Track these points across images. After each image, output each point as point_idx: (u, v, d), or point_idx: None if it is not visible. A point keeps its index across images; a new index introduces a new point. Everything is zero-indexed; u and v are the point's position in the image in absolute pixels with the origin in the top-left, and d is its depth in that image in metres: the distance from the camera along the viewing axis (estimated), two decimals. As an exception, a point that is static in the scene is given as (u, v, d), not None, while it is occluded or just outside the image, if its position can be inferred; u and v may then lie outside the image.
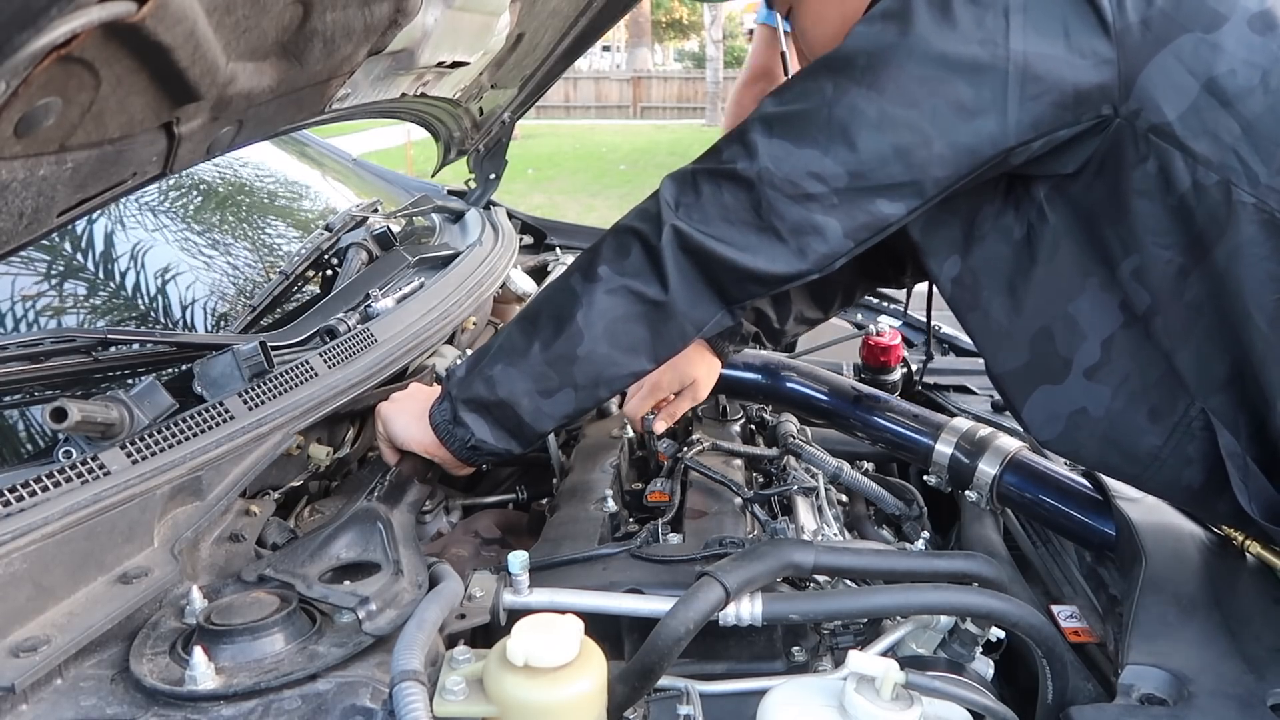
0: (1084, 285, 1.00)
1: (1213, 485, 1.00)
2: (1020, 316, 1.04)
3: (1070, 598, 1.28)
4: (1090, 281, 1.00)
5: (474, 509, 1.49)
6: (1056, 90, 0.90)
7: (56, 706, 0.75)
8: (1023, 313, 1.04)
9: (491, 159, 2.29)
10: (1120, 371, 1.01)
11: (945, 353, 2.15)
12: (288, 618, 0.84)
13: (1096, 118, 0.92)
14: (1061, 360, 1.03)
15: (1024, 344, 1.05)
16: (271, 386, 1.12)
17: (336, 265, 1.76)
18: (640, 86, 24.30)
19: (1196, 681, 0.90)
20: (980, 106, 0.91)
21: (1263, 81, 0.88)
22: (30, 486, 0.83)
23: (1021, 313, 1.04)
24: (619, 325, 1.02)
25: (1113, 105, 0.91)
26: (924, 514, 1.43)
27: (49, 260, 1.40)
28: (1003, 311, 1.05)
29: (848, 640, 1.05)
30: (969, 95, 0.91)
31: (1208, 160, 0.89)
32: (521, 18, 1.64)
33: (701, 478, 1.35)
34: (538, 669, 0.72)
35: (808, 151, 0.94)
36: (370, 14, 1.04)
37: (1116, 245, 0.97)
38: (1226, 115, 0.89)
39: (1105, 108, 0.92)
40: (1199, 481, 1.01)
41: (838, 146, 0.93)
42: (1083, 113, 0.92)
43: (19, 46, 0.56)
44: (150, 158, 0.88)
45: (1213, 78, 0.89)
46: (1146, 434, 1.01)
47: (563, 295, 1.06)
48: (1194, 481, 1.01)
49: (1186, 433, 0.99)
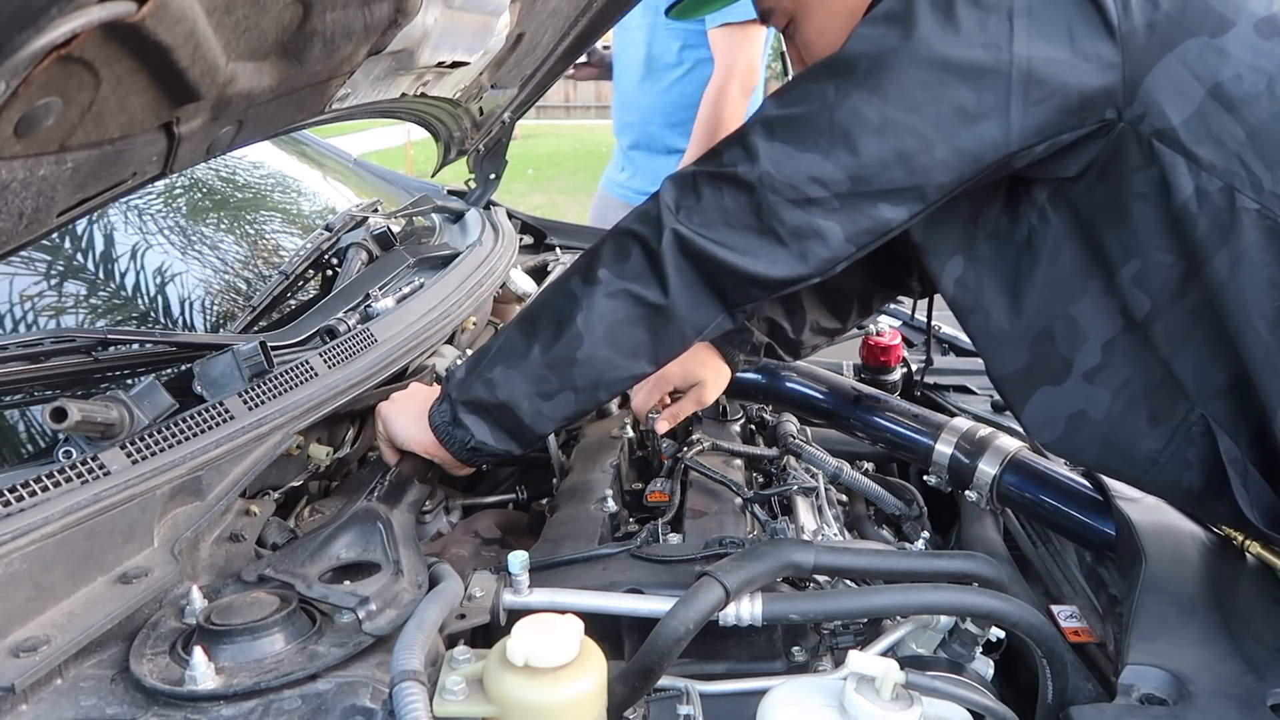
0: (1085, 288, 1.00)
1: (1212, 489, 1.00)
2: (1021, 318, 1.04)
3: (1070, 598, 1.28)
4: (1092, 285, 1.00)
5: (474, 509, 1.49)
6: (1060, 94, 0.90)
7: (56, 706, 0.75)
8: (1024, 314, 1.04)
9: (491, 159, 2.29)
10: (1120, 375, 1.01)
11: (945, 353, 2.15)
12: (288, 618, 0.84)
13: (1100, 121, 0.92)
14: (1062, 360, 1.03)
15: (1025, 344, 1.05)
16: (271, 386, 1.12)
17: (336, 265, 1.76)
18: (640, 86, 24.28)
19: (1196, 681, 0.90)
20: (983, 111, 0.90)
21: (1269, 87, 0.88)
22: (30, 486, 0.83)
23: (1022, 314, 1.04)
24: (619, 328, 1.02)
25: (1116, 109, 0.91)
26: (924, 514, 1.43)
27: (49, 260, 1.40)
28: (1004, 313, 1.05)
29: (848, 640, 1.05)
30: (972, 100, 0.90)
31: (1211, 166, 0.89)
32: (521, 18, 1.64)
33: (701, 478, 1.35)
34: (538, 669, 0.72)
35: (809, 155, 0.93)
36: (370, 14, 1.04)
37: (1117, 250, 0.96)
38: (1232, 121, 0.88)
39: (1109, 112, 0.91)
40: (1198, 485, 1.01)
41: (839, 151, 0.93)
42: (1086, 117, 0.92)
43: (19, 46, 0.56)
44: (150, 158, 0.88)
45: (1218, 83, 0.88)
46: (1146, 438, 1.01)
47: (562, 298, 1.05)
48: (1194, 485, 1.01)
49: (1186, 437, 0.99)
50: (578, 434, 1.58)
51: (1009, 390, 1.09)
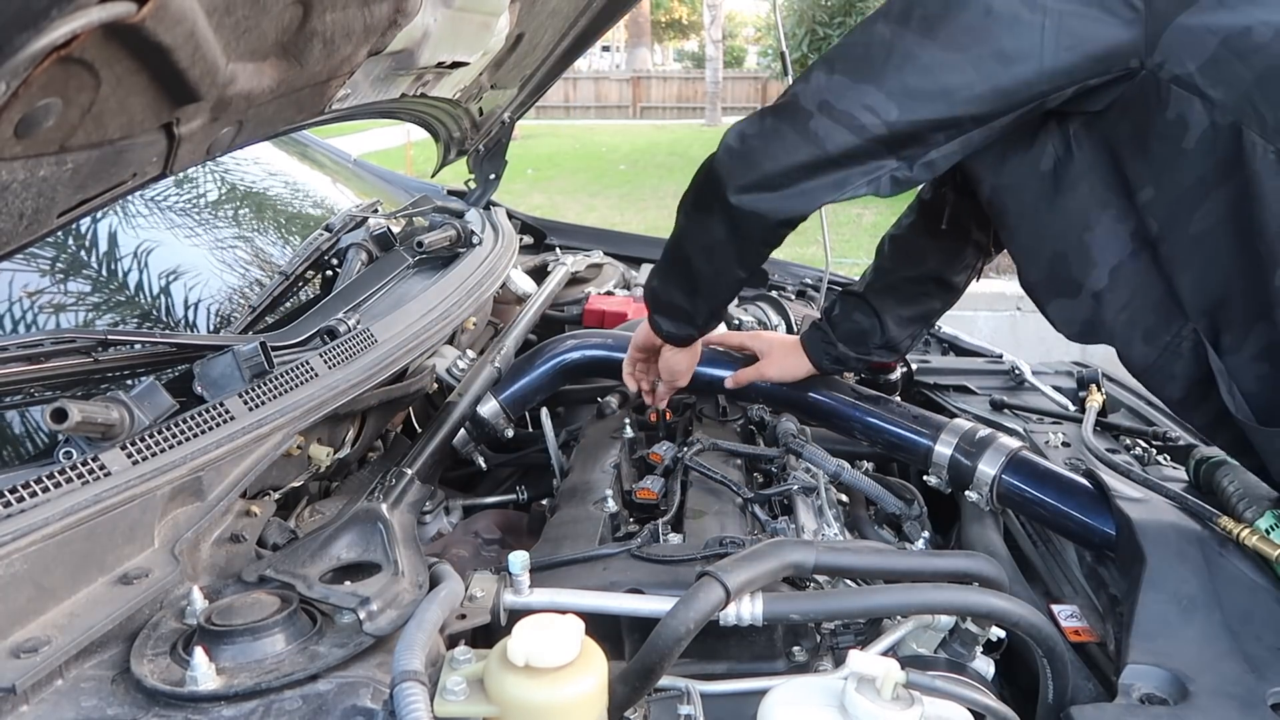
0: (1101, 216, 1.12)
1: (1190, 400, 1.14)
2: (1041, 240, 1.18)
3: (1070, 597, 1.28)
4: (1107, 213, 1.11)
5: (474, 509, 1.49)
6: (1088, 44, 1.02)
7: (57, 707, 0.75)
8: (1043, 236, 1.17)
9: (491, 159, 2.29)
10: (1123, 297, 1.13)
11: (945, 352, 2.15)
12: (288, 618, 0.84)
13: (1124, 69, 1.03)
14: (1074, 282, 1.16)
15: (1044, 263, 1.19)
16: (272, 387, 1.12)
17: (336, 266, 1.76)
18: (640, 86, 24.29)
19: (1197, 681, 0.91)
20: (1019, 55, 1.03)
21: (1275, 37, 0.97)
22: (31, 487, 0.83)
23: (1043, 236, 1.17)
24: (711, 249, 1.26)
25: (1139, 58, 1.02)
26: (924, 513, 1.42)
27: (50, 260, 1.40)
28: (1027, 233, 1.19)
29: (848, 640, 1.05)
30: (1010, 44, 1.02)
31: (1224, 105, 0.99)
32: (521, 18, 1.64)
33: (701, 478, 1.35)
34: (538, 669, 0.72)
35: (865, 87, 1.07)
36: (370, 14, 1.04)
37: (1134, 178, 1.07)
38: (1242, 66, 0.97)
39: (1133, 61, 1.02)
40: (1178, 395, 1.15)
41: (891, 84, 1.06)
42: (1112, 65, 1.03)
43: (19, 47, 0.56)
44: (150, 158, 0.88)
45: (1231, 34, 0.98)
46: (1139, 351, 1.15)
47: (676, 230, 1.32)
48: (1174, 394, 1.16)
49: (1175, 353, 1.12)
50: (578, 434, 1.58)
51: (1035, 295, 1.23)
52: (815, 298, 2.38)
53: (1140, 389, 1.73)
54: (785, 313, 2.13)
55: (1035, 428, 1.58)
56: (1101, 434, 1.54)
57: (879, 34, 1.08)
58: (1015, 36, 1.02)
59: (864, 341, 1.48)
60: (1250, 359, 1.05)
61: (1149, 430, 1.58)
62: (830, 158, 1.09)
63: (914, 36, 1.05)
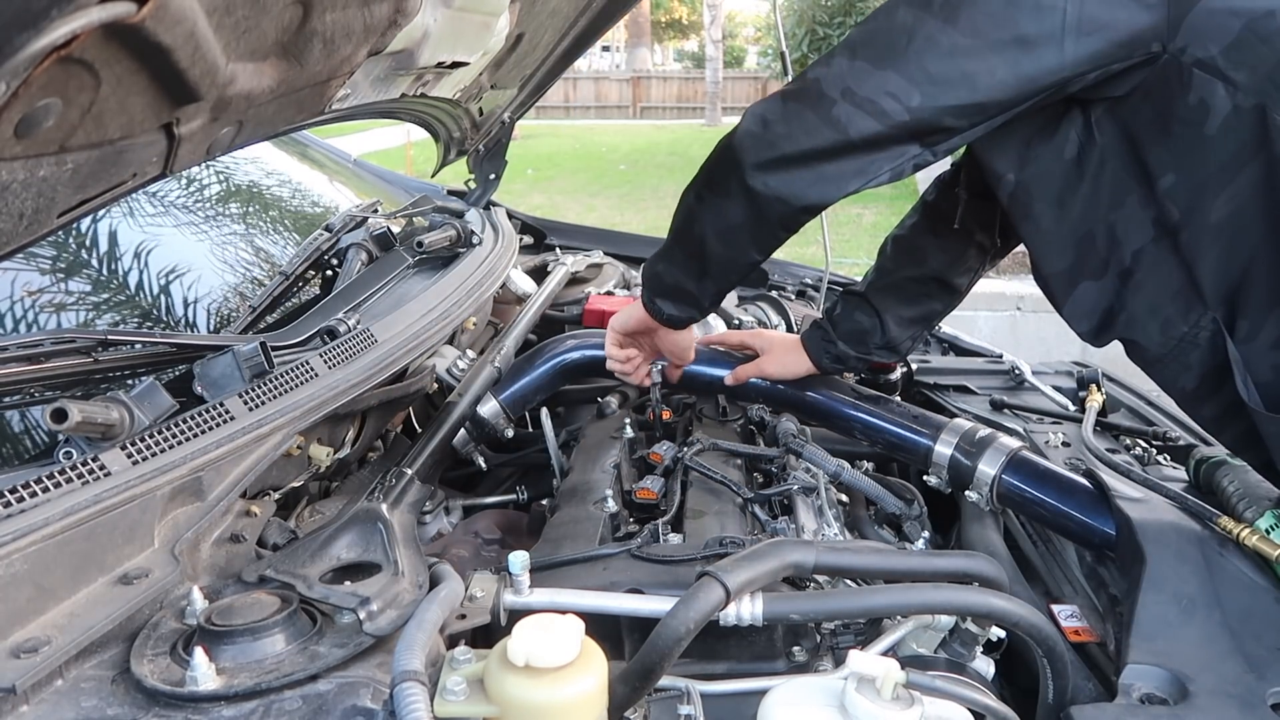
0: (1124, 201, 1.11)
1: (1202, 391, 1.14)
2: (1066, 224, 1.16)
3: (1070, 597, 1.28)
4: (1129, 199, 1.11)
5: (474, 509, 1.49)
6: (1111, 29, 1.01)
7: (57, 707, 0.75)
8: (1069, 221, 1.16)
9: (491, 159, 2.29)
10: (1144, 284, 1.13)
11: (945, 352, 2.15)
12: (288, 618, 0.84)
13: (1146, 54, 1.02)
14: (1101, 260, 1.15)
15: (1070, 246, 1.17)
16: (272, 387, 1.12)
17: (336, 266, 1.76)
18: (640, 86, 24.30)
19: (1197, 681, 0.91)
20: (1041, 40, 1.02)
21: None
22: (31, 487, 0.83)
23: (1068, 221, 1.16)
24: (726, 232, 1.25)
25: (1161, 43, 1.01)
26: (924, 513, 1.42)
27: (50, 260, 1.40)
28: (1051, 221, 1.17)
29: (848, 640, 1.05)
30: (1032, 30, 1.02)
31: (1247, 88, 0.99)
32: (521, 18, 1.64)
33: (702, 478, 1.35)
34: (538, 669, 0.72)
35: (886, 73, 1.07)
36: (370, 14, 1.04)
37: (1156, 164, 1.07)
38: (1265, 49, 0.98)
39: (1155, 45, 1.02)
40: (1191, 386, 1.14)
41: (913, 69, 1.06)
42: (1134, 50, 1.02)
43: (19, 47, 0.56)
44: (150, 158, 0.88)
45: (1255, 17, 0.98)
46: (1156, 340, 1.14)
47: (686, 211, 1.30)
48: (1187, 385, 1.15)
49: (1193, 343, 1.11)
50: (578, 434, 1.58)
51: (1054, 286, 1.21)
52: (815, 298, 2.38)
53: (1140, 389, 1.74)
54: (785, 312, 2.13)
55: (1035, 428, 1.58)
56: (1101, 434, 1.54)
57: (900, 19, 1.07)
58: (1037, 21, 1.01)
59: (864, 341, 1.48)
60: (1267, 347, 1.05)
61: (1149, 430, 1.58)
62: (853, 144, 1.09)
63: (935, 22, 1.05)
